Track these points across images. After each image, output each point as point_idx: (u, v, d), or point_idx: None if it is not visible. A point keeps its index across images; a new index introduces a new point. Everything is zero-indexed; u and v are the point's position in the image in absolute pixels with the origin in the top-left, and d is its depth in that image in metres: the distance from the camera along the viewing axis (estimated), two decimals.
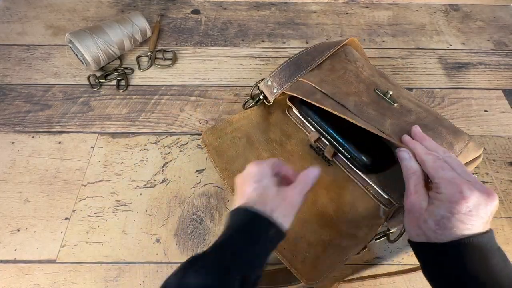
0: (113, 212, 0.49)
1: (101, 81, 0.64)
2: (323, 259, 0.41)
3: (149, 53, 0.68)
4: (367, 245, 0.43)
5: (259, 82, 0.52)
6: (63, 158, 0.54)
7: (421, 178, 0.33)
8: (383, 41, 0.73)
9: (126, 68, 0.66)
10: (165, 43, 0.72)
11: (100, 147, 0.55)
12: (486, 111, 0.61)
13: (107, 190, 0.51)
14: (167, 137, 0.57)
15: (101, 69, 0.65)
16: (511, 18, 0.78)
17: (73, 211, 0.49)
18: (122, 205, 0.50)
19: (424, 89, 0.64)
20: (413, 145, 0.35)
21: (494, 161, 0.55)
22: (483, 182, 0.53)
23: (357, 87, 0.45)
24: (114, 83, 0.64)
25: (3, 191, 0.51)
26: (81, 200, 0.50)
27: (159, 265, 0.45)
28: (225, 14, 0.78)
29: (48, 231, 0.47)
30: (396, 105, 0.43)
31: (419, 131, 0.37)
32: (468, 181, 0.30)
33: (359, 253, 0.42)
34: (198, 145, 0.56)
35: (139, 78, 0.65)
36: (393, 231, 0.43)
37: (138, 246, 0.46)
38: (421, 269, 0.32)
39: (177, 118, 0.59)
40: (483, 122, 0.60)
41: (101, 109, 0.60)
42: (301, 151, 0.52)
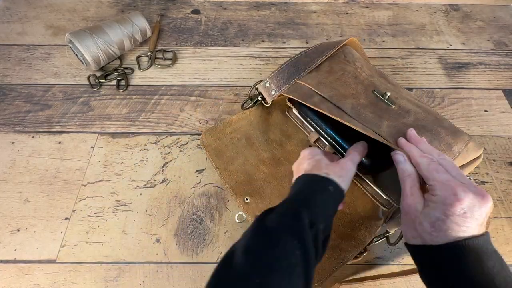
0: (113, 212, 0.49)
1: (101, 81, 0.64)
2: (321, 262, 0.41)
3: (149, 53, 0.68)
4: (366, 248, 0.43)
5: (258, 83, 0.52)
6: (63, 158, 0.54)
7: (417, 180, 0.33)
8: (383, 41, 0.73)
9: (126, 68, 0.66)
10: (165, 43, 0.72)
11: (100, 147, 0.56)
12: (486, 111, 0.61)
13: (107, 190, 0.51)
14: (167, 137, 0.57)
15: (101, 69, 0.65)
16: (511, 18, 0.78)
17: (73, 211, 0.49)
18: (122, 205, 0.50)
19: (424, 89, 0.64)
20: (408, 148, 0.36)
21: (494, 161, 0.55)
22: (483, 182, 0.53)
23: (355, 89, 0.45)
24: (114, 83, 0.64)
25: (3, 191, 0.51)
26: (81, 200, 0.50)
27: (159, 265, 0.45)
28: (225, 14, 0.78)
29: (48, 231, 0.47)
30: (394, 106, 0.43)
31: (415, 134, 0.38)
32: (462, 183, 0.30)
33: (359, 257, 0.42)
34: (198, 145, 0.56)
35: (139, 78, 0.65)
36: (392, 233, 0.43)
37: (138, 246, 0.46)
38: (418, 273, 0.32)
39: (177, 118, 0.59)
40: (483, 122, 0.60)
41: (101, 109, 0.60)
42: (300, 151, 0.52)
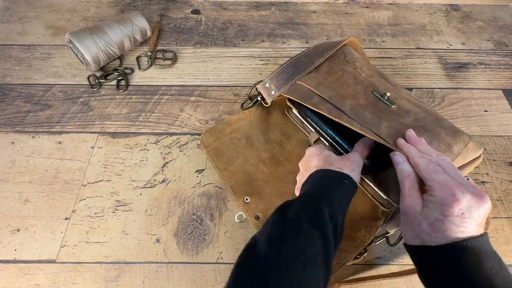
0: (113, 212, 0.49)
1: (101, 81, 0.64)
2: None
3: (149, 53, 0.68)
4: (366, 249, 0.43)
5: (257, 83, 0.52)
6: (63, 158, 0.54)
7: (415, 181, 0.33)
8: (383, 41, 0.73)
9: (126, 68, 0.66)
10: (165, 43, 0.72)
11: (100, 147, 0.56)
12: (486, 111, 0.61)
13: (107, 190, 0.51)
14: (167, 137, 0.57)
15: (101, 69, 0.65)
16: (511, 18, 0.78)
17: (73, 211, 0.49)
18: (122, 205, 0.50)
19: (424, 89, 0.64)
20: (407, 148, 0.36)
21: (494, 161, 0.55)
22: (483, 182, 0.53)
23: (354, 89, 0.45)
24: (114, 83, 0.64)
25: (3, 191, 0.51)
26: (81, 200, 0.50)
27: (159, 265, 0.45)
28: (225, 14, 0.78)
29: (48, 231, 0.47)
30: (393, 106, 0.43)
31: (413, 135, 0.38)
32: (460, 184, 0.30)
33: (359, 257, 0.42)
34: (198, 145, 0.56)
35: (139, 78, 0.65)
36: (392, 233, 0.43)
37: (138, 246, 0.46)
38: (417, 273, 0.33)
39: (177, 118, 0.59)
40: (483, 122, 0.60)
41: (101, 109, 0.60)
42: (300, 152, 0.52)
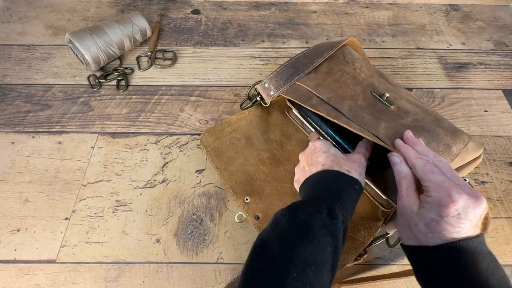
0: (113, 212, 0.49)
1: (101, 81, 0.64)
2: None
3: (149, 53, 0.68)
4: (366, 250, 0.43)
5: (257, 83, 0.52)
6: (63, 158, 0.54)
7: (412, 182, 0.34)
8: (383, 41, 0.73)
9: (126, 68, 0.66)
10: (165, 43, 0.72)
11: (100, 147, 0.56)
12: (486, 111, 0.61)
13: (107, 190, 0.51)
14: (167, 137, 0.57)
15: (101, 69, 0.65)
16: (511, 18, 0.78)
17: (73, 211, 0.49)
18: (122, 205, 0.50)
19: (424, 89, 0.64)
20: (405, 149, 0.36)
21: (494, 161, 0.55)
22: (483, 182, 0.53)
23: (353, 90, 0.45)
24: (114, 83, 0.64)
25: (3, 191, 0.51)
26: (81, 200, 0.50)
27: (159, 265, 0.45)
28: (225, 14, 0.78)
29: (48, 231, 0.47)
30: (393, 107, 0.43)
31: (411, 136, 0.38)
32: (457, 184, 0.30)
33: (359, 259, 0.42)
34: (198, 145, 0.56)
35: (139, 78, 0.65)
36: (391, 234, 0.43)
37: (138, 246, 0.46)
38: (414, 274, 0.33)
39: (177, 118, 0.59)
40: (483, 122, 0.60)
41: (101, 109, 0.60)
42: (300, 152, 0.52)
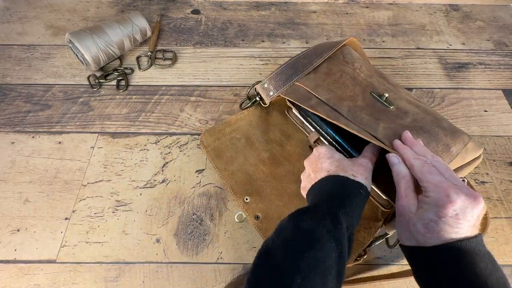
0: (113, 212, 0.49)
1: (101, 81, 0.64)
2: None
3: (149, 53, 0.68)
4: (366, 251, 0.43)
5: (256, 83, 0.52)
6: (63, 158, 0.54)
7: (411, 182, 0.34)
8: (383, 41, 0.73)
9: (126, 68, 0.66)
10: (165, 43, 0.72)
11: (100, 147, 0.56)
12: (486, 111, 0.61)
13: (107, 190, 0.51)
14: (167, 137, 0.57)
15: (101, 69, 0.65)
16: (511, 18, 0.78)
17: (73, 211, 0.49)
18: (122, 205, 0.50)
19: (424, 89, 0.64)
20: (403, 150, 0.36)
21: (494, 161, 0.55)
22: (483, 182, 0.53)
23: (352, 91, 0.45)
24: (114, 83, 0.64)
25: (3, 191, 0.51)
26: (81, 200, 0.50)
27: (159, 265, 0.45)
28: (225, 14, 0.78)
29: (48, 231, 0.47)
30: (392, 107, 0.43)
31: (409, 136, 0.38)
32: (455, 185, 0.30)
33: (359, 259, 0.42)
34: (198, 145, 0.56)
35: (139, 78, 0.65)
36: (391, 234, 0.43)
37: (138, 246, 0.47)
38: (412, 274, 0.33)
39: (177, 118, 0.59)
40: (483, 122, 0.60)
41: (101, 109, 0.60)
42: (300, 152, 0.52)
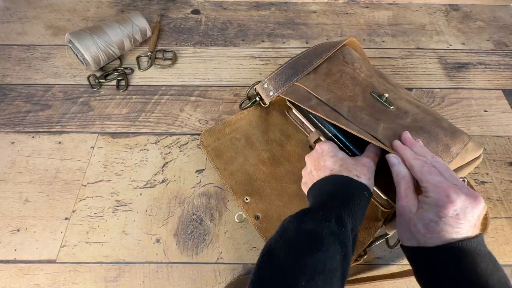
0: (113, 212, 0.49)
1: (101, 81, 0.64)
2: None
3: (149, 53, 0.68)
4: (366, 251, 0.43)
5: (256, 83, 0.52)
6: (63, 158, 0.54)
7: (411, 182, 0.34)
8: (383, 41, 0.73)
9: (126, 68, 0.66)
10: (165, 43, 0.72)
11: (100, 147, 0.56)
12: (486, 111, 0.61)
13: (107, 190, 0.51)
14: (167, 137, 0.57)
15: (101, 69, 0.65)
16: (511, 18, 0.78)
17: (73, 211, 0.49)
18: (122, 205, 0.50)
19: (424, 89, 0.64)
20: (403, 150, 0.36)
21: (494, 161, 0.55)
22: (483, 182, 0.53)
23: (352, 91, 0.45)
24: (114, 83, 0.64)
25: (3, 191, 0.51)
26: (81, 200, 0.50)
27: (159, 265, 0.45)
28: (225, 14, 0.78)
29: (48, 231, 0.47)
30: (392, 107, 0.43)
31: (409, 137, 0.38)
32: (455, 185, 0.30)
33: (359, 260, 0.42)
34: (198, 145, 0.56)
35: (139, 78, 0.65)
36: (391, 235, 0.43)
37: (138, 246, 0.47)
38: (414, 274, 0.33)
39: (177, 118, 0.59)
40: (483, 122, 0.60)
41: (101, 109, 0.60)
42: (300, 152, 0.52)
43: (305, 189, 0.40)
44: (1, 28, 0.73)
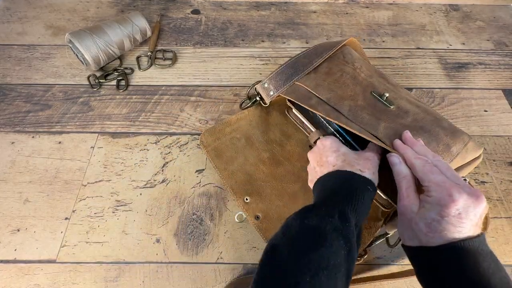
0: (113, 212, 0.49)
1: (101, 81, 0.64)
2: None
3: (149, 53, 0.68)
4: (366, 251, 0.43)
5: (256, 83, 0.52)
6: (63, 158, 0.54)
7: (412, 182, 0.34)
8: (383, 41, 0.73)
9: (126, 68, 0.66)
10: (165, 43, 0.72)
11: (100, 147, 0.56)
12: (486, 111, 0.61)
13: (107, 190, 0.51)
14: (167, 137, 0.57)
15: (101, 69, 0.65)
16: (511, 18, 0.78)
17: (73, 211, 0.49)
18: (122, 205, 0.50)
19: (424, 89, 0.64)
20: (404, 150, 0.36)
21: (494, 161, 0.55)
22: (483, 182, 0.53)
23: (353, 90, 0.45)
24: (114, 83, 0.64)
25: (3, 191, 0.51)
26: (81, 200, 0.50)
27: (159, 265, 0.45)
28: (225, 14, 0.78)
29: (48, 231, 0.47)
30: (392, 107, 0.43)
31: (410, 136, 0.38)
32: (457, 184, 0.30)
33: (359, 259, 0.42)
34: (198, 145, 0.56)
35: (139, 78, 0.65)
36: (392, 234, 0.43)
37: (138, 246, 0.46)
38: (415, 274, 0.33)
39: (177, 118, 0.59)
40: (483, 122, 0.60)
41: (101, 109, 0.60)
42: (300, 152, 0.52)
43: (311, 186, 0.40)
44: (1, 28, 0.73)
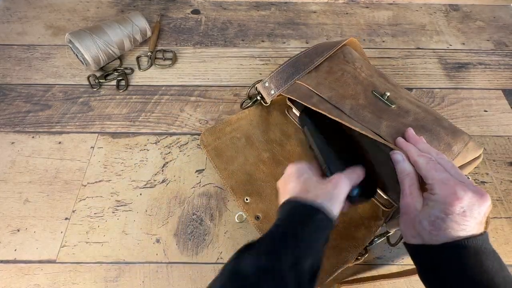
0: (113, 212, 0.49)
1: (101, 81, 0.64)
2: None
3: (149, 53, 0.68)
4: (367, 250, 0.43)
5: (257, 82, 0.52)
6: (63, 158, 0.54)
7: (415, 179, 0.33)
8: (383, 41, 0.73)
9: (126, 68, 0.66)
10: (165, 43, 0.72)
11: (100, 147, 0.55)
12: (486, 111, 0.61)
13: (107, 190, 0.51)
14: (167, 137, 0.57)
15: (101, 69, 0.65)
16: (511, 18, 0.78)
17: (73, 211, 0.49)
18: (122, 205, 0.50)
19: (424, 89, 0.64)
20: (407, 147, 0.36)
21: (494, 161, 0.55)
22: (483, 182, 0.53)
23: (354, 89, 0.45)
24: (114, 83, 0.64)
25: (3, 191, 0.51)
26: (81, 200, 0.50)
27: (159, 265, 0.45)
28: (225, 14, 0.78)
29: (48, 231, 0.47)
30: (393, 106, 0.43)
31: (413, 134, 0.38)
32: (461, 182, 0.30)
33: (360, 258, 0.42)
34: (198, 145, 0.56)
35: (139, 78, 0.65)
36: (392, 233, 0.43)
37: (138, 246, 0.46)
38: (417, 273, 0.32)
39: (177, 118, 0.59)
40: (483, 122, 0.60)
41: (101, 109, 0.60)
42: (300, 152, 0.52)
43: None
44: (1, 28, 0.73)
